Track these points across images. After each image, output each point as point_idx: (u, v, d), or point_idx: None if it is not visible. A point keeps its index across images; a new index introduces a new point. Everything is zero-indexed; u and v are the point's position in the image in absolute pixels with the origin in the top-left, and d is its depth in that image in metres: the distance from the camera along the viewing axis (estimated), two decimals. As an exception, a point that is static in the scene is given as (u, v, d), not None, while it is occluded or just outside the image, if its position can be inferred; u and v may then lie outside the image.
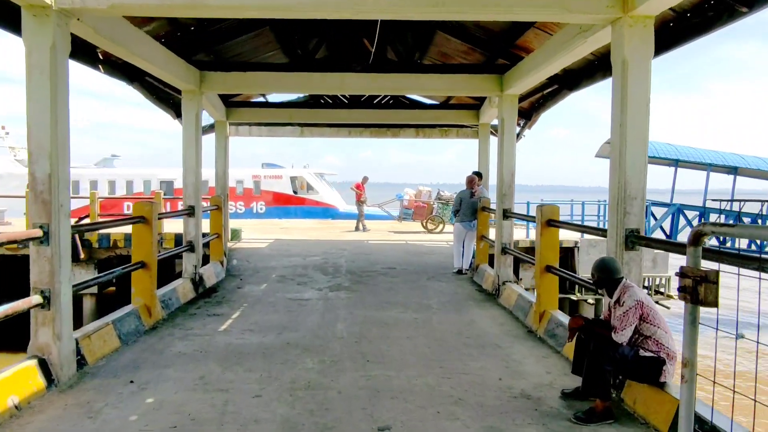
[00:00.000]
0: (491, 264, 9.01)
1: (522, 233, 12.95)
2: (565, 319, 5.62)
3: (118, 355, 4.84)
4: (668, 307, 16.11)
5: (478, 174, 10.16)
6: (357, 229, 16.84)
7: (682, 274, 2.69)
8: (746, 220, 21.64)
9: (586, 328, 3.85)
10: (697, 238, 2.64)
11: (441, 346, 5.41)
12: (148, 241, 5.80)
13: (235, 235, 13.89)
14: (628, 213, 4.13)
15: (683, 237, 20.68)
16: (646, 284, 17.07)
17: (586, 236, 11.92)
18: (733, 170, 22.57)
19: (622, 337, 3.64)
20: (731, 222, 21.17)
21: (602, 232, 4.73)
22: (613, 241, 4.21)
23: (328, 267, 10.04)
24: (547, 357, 5.13)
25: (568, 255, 15.68)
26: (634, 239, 4.11)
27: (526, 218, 7.46)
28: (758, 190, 22.70)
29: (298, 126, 13.51)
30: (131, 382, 4.21)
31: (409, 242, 14.54)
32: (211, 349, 5.10)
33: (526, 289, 8.12)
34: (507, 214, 7.74)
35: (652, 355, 3.64)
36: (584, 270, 11.41)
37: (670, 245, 3.92)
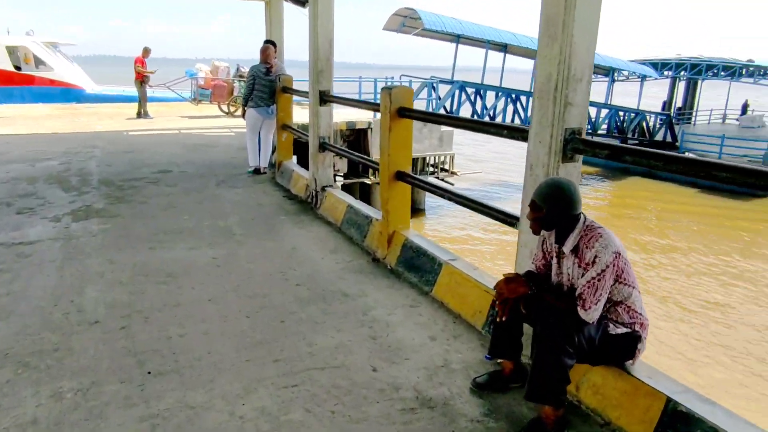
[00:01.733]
0: (302, 164, 7.19)
1: (302, 115, 9.27)
2: (428, 245, 4.19)
3: None
4: (452, 184, 16.44)
5: (272, 43, 7.83)
6: (140, 115, 13.68)
7: None
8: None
9: (535, 300, 2.37)
10: None
11: (265, 309, 3.57)
12: None
13: None
14: (569, 104, 2.59)
15: (464, 113, 21.09)
16: (432, 162, 17.15)
17: (379, 116, 10.57)
18: (503, 48, 23.42)
19: (594, 313, 2.25)
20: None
21: (517, 134, 3.13)
22: (544, 148, 2.68)
23: (71, 177, 7.12)
24: (416, 306, 3.68)
25: (360, 136, 14.56)
26: (577, 145, 2.63)
27: (364, 105, 5.58)
28: (527, 69, 24.06)
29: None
30: None
31: (183, 131, 11.78)
32: None
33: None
34: (325, 98, 5.79)
35: (625, 330, 2.35)
36: (377, 153, 10.10)
37: (642, 155, 2.52)
